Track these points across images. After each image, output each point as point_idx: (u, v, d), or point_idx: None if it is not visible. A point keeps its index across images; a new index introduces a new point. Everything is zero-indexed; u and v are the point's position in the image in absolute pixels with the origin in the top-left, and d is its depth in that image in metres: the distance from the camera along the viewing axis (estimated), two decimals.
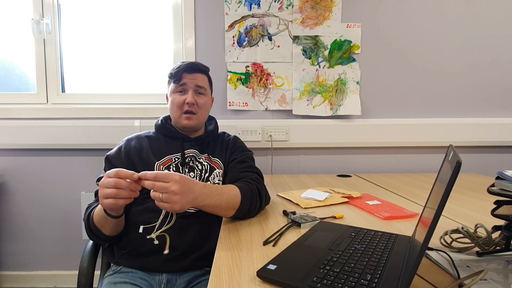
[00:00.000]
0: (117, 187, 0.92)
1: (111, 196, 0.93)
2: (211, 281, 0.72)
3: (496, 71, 2.26)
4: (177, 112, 1.39)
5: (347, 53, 2.21)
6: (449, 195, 0.52)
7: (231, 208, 1.12)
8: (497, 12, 2.21)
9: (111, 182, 0.92)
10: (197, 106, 1.38)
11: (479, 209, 1.30)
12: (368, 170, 2.30)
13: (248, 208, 1.15)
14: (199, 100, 1.39)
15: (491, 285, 0.68)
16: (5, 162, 2.21)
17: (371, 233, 0.95)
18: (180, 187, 0.91)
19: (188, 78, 1.38)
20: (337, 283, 0.65)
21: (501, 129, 2.24)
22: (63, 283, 2.29)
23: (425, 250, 0.54)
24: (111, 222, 1.10)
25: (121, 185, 0.92)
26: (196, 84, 1.39)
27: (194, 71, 1.40)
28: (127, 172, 0.93)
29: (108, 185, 0.93)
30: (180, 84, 1.38)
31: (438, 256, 0.83)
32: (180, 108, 1.37)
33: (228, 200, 1.10)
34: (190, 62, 1.41)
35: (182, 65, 1.39)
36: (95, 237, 1.18)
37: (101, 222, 1.12)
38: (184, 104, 1.36)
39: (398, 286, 0.64)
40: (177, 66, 1.40)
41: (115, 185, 0.92)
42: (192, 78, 1.39)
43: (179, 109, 1.38)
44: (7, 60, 2.28)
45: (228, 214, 1.13)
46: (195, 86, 1.39)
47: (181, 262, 1.18)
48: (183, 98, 1.37)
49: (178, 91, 1.39)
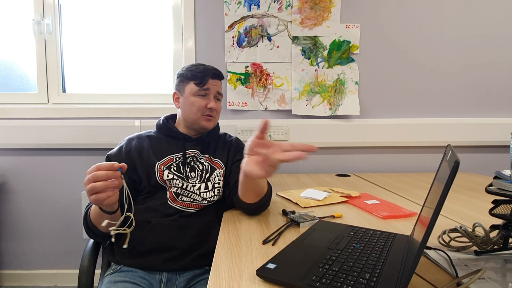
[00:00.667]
0: (95, 180, 0.93)
1: (92, 191, 0.93)
2: (211, 280, 0.72)
3: (494, 71, 2.26)
4: (197, 114, 1.38)
5: (346, 54, 2.21)
6: (447, 195, 0.52)
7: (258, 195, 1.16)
8: (495, 12, 2.21)
9: (90, 178, 0.93)
10: (215, 111, 1.41)
11: (477, 209, 1.30)
12: (367, 170, 2.30)
13: (265, 201, 1.20)
14: (217, 106, 1.42)
15: (489, 284, 0.68)
16: (6, 162, 2.21)
17: (370, 232, 0.95)
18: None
19: (212, 84, 1.39)
20: (336, 281, 0.65)
21: (499, 129, 2.24)
22: (64, 282, 2.29)
23: (424, 249, 0.54)
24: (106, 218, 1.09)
25: (98, 177, 0.93)
26: (217, 91, 1.41)
27: (217, 77, 1.41)
28: (107, 164, 0.95)
29: (88, 182, 0.94)
30: (204, 88, 1.37)
31: (436, 255, 0.83)
32: (201, 111, 1.37)
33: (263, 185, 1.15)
34: (213, 68, 1.42)
35: (206, 70, 1.39)
36: (93, 234, 1.18)
37: (97, 219, 1.11)
38: (205, 109, 1.37)
39: (396, 285, 0.64)
40: (200, 69, 1.39)
41: (93, 178, 0.93)
42: (215, 84, 1.40)
43: (199, 111, 1.37)
44: (8, 60, 2.27)
45: (254, 199, 1.17)
46: (216, 92, 1.41)
47: (181, 261, 1.18)
48: (205, 103, 1.37)
49: (200, 94, 1.38)
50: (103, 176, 0.93)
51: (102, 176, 0.93)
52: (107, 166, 0.94)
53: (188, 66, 1.42)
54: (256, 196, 1.16)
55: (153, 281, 1.17)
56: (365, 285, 0.64)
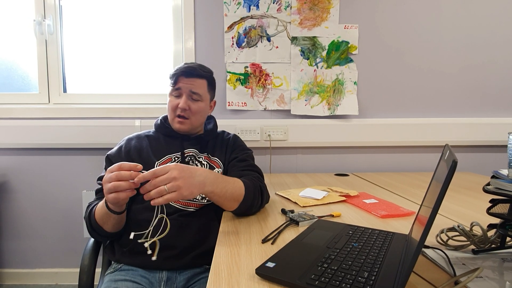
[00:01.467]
0: (118, 179, 0.92)
1: (113, 189, 0.93)
2: (211, 279, 0.72)
3: (491, 72, 2.26)
4: (171, 114, 1.38)
5: (344, 54, 2.20)
6: (445, 194, 0.52)
7: (235, 200, 1.10)
8: (492, 13, 2.21)
9: (112, 176, 0.93)
10: (190, 112, 1.36)
11: (474, 208, 1.30)
12: (365, 169, 2.30)
13: (251, 203, 1.14)
14: (192, 106, 1.36)
15: (487, 282, 0.68)
16: (8, 161, 2.21)
17: (368, 231, 0.95)
18: (179, 172, 0.92)
19: (183, 83, 1.35)
20: (335, 280, 0.65)
21: (496, 129, 2.24)
22: (64, 280, 2.29)
23: (422, 248, 0.54)
24: (113, 218, 1.10)
25: (122, 177, 0.92)
26: (190, 90, 1.35)
27: (192, 75, 1.36)
28: (130, 164, 0.94)
29: (110, 180, 0.93)
30: (176, 88, 1.36)
31: (434, 254, 0.83)
32: (174, 111, 1.36)
33: (233, 191, 1.09)
34: (189, 66, 1.37)
35: (180, 68, 1.36)
36: (96, 234, 1.18)
37: (103, 219, 1.11)
38: (177, 108, 1.35)
39: (395, 284, 0.64)
40: (177, 68, 1.37)
41: (116, 177, 0.92)
42: (188, 83, 1.35)
43: (172, 112, 1.36)
44: (10, 60, 2.27)
45: (233, 206, 1.11)
46: (189, 91, 1.35)
47: (181, 260, 1.18)
48: (177, 102, 1.35)
49: (174, 94, 1.37)
50: (127, 177, 0.93)
51: (126, 176, 0.93)
52: (130, 166, 0.94)
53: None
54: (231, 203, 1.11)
55: (153, 280, 1.17)
56: (363, 283, 0.64)
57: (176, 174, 0.91)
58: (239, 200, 1.11)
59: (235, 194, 1.09)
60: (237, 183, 1.13)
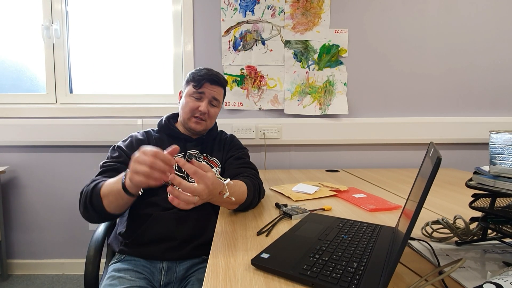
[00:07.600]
0: (152, 166, 0.85)
1: (145, 174, 0.85)
2: (209, 268, 0.71)
3: (473, 74, 2.26)
4: (188, 114, 1.36)
5: (335, 57, 2.20)
6: (430, 189, 0.51)
7: (237, 204, 1.09)
8: (474, 21, 2.21)
9: (147, 161, 0.85)
10: (207, 115, 1.37)
11: (458, 202, 1.30)
12: (355, 165, 2.30)
13: (250, 202, 1.13)
14: (211, 110, 1.38)
15: (469, 272, 0.68)
16: (17, 158, 2.19)
17: (358, 224, 0.95)
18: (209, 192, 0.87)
19: (208, 88, 1.36)
20: (326, 270, 0.65)
21: (478, 127, 2.24)
22: (71, 270, 2.28)
23: (408, 240, 0.53)
24: (122, 199, 1.01)
25: (157, 166, 0.85)
26: (213, 96, 1.37)
27: (215, 83, 1.37)
28: (165, 155, 0.86)
29: (144, 162, 0.85)
30: (199, 91, 1.35)
31: (419, 246, 0.82)
32: (192, 112, 1.35)
33: (237, 197, 1.05)
34: (214, 74, 1.38)
35: (206, 74, 1.36)
36: (91, 209, 1.06)
37: (109, 197, 1.02)
38: (196, 111, 1.35)
39: (382, 274, 0.63)
40: (201, 73, 1.36)
41: (151, 164, 0.85)
42: (211, 90, 1.37)
43: (190, 112, 1.36)
44: (19, 63, 2.26)
45: (233, 207, 1.11)
46: (211, 97, 1.37)
47: (180, 251, 1.17)
48: (197, 105, 1.35)
49: (195, 97, 1.36)
50: (162, 168, 0.85)
51: (160, 168, 0.85)
52: (164, 157, 0.86)
53: (196, 70, 1.40)
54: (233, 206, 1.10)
55: (154, 270, 1.16)
56: (353, 273, 0.63)
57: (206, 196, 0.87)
58: (240, 203, 1.10)
59: (238, 199, 1.07)
60: (242, 188, 1.10)
